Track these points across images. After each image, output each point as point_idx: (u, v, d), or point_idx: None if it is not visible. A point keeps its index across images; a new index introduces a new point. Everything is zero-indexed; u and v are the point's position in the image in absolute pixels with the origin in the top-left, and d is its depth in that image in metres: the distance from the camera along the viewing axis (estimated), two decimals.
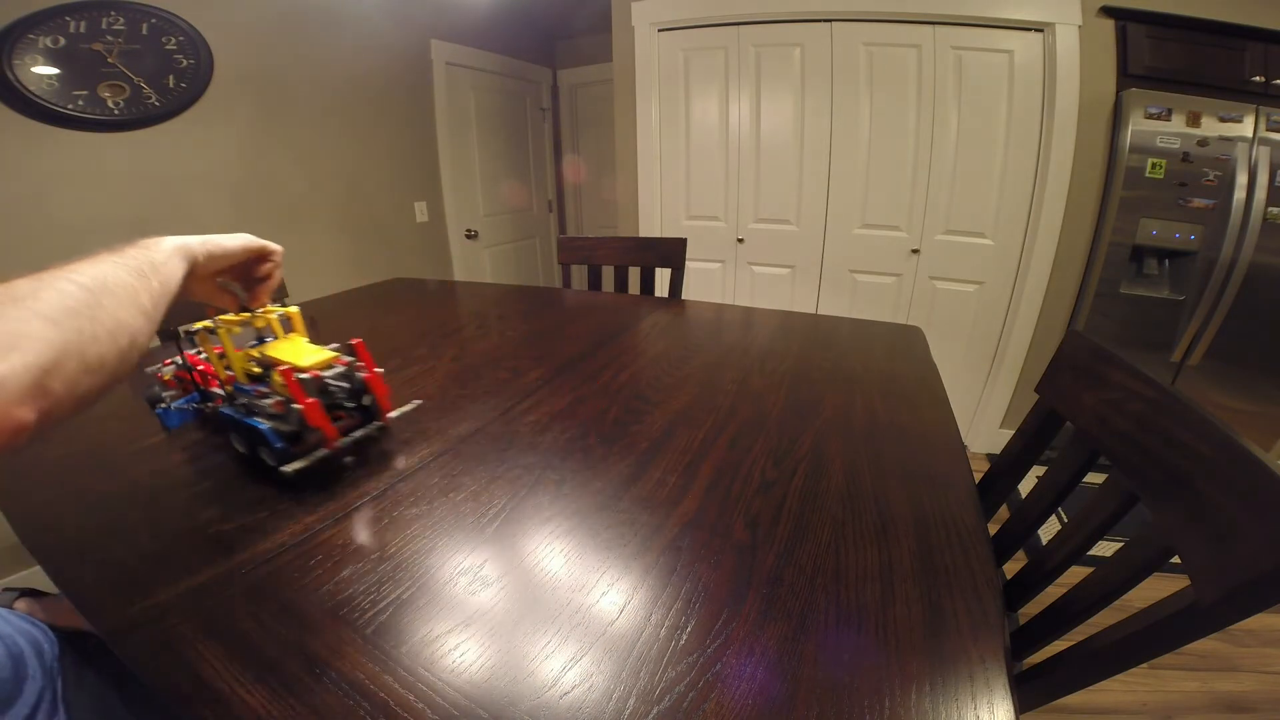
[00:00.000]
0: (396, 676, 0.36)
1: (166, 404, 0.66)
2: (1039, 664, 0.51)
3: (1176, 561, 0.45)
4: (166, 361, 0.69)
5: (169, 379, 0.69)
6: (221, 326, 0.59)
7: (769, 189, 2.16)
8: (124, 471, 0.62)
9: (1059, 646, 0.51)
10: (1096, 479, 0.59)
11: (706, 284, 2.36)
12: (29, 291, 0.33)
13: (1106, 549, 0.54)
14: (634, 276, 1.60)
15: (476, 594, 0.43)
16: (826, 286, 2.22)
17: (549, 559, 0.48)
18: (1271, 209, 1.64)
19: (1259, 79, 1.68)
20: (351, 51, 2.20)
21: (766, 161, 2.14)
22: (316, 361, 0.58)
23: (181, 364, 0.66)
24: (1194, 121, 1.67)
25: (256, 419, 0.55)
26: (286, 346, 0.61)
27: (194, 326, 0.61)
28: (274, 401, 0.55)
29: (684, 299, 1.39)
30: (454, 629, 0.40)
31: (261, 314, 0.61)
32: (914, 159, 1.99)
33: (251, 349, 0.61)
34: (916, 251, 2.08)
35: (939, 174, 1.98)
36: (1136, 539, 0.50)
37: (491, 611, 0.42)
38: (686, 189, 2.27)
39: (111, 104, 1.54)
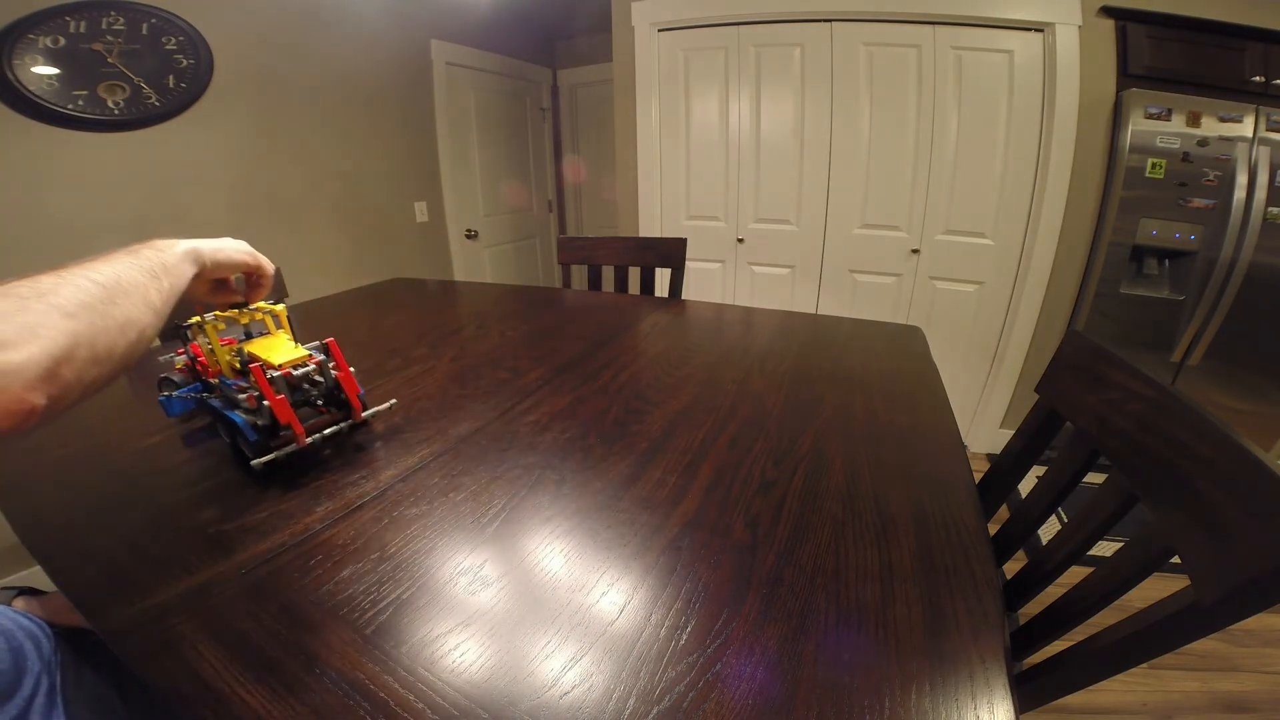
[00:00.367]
0: (396, 676, 0.36)
1: (169, 393, 0.68)
2: (1039, 664, 0.51)
3: (1176, 561, 0.45)
4: (179, 351, 0.71)
5: (180, 367, 0.71)
6: (209, 323, 0.62)
7: (769, 189, 2.16)
8: (124, 471, 0.62)
9: (1059, 646, 0.51)
10: (1096, 479, 0.59)
11: (706, 284, 2.36)
12: (50, 287, 0.36)
13: (1106, 549, 0.54)
14: (634, 276, 1.60)
15: (476, 594, 0.43)
16: (826, 286, 2.22)
17: (549, 559, 0.48)
18: (1271, 209, 1.64)
19: (1259, 79, 1.68)
20: (352, 52, 2.20)
21: (766, 161, 2.13)
22: (288, 359, 0.60)
23: (187, 355, 0.68)
24: (1194, 121, 1.67)
25: (235, 412, 0.57)
26: (267, 344, 0.63)
27: (189, 321, 0.63)
28: (248, 396, 0.58)
29: (684, 299, 1.39)
30: (454, 629, 0.40)
31: (248, 311, 0.64)
32: (914, 159, 1.99)
33: (239, 342, 0.63)
34: (916, 251, 2.08)
35: (939, 174, 1.98)
36: (1136, 539, 0.50)
37: (491, 611, 0.42)
38: (686, 189, 2.27)
39: (111, 104, 1.54)
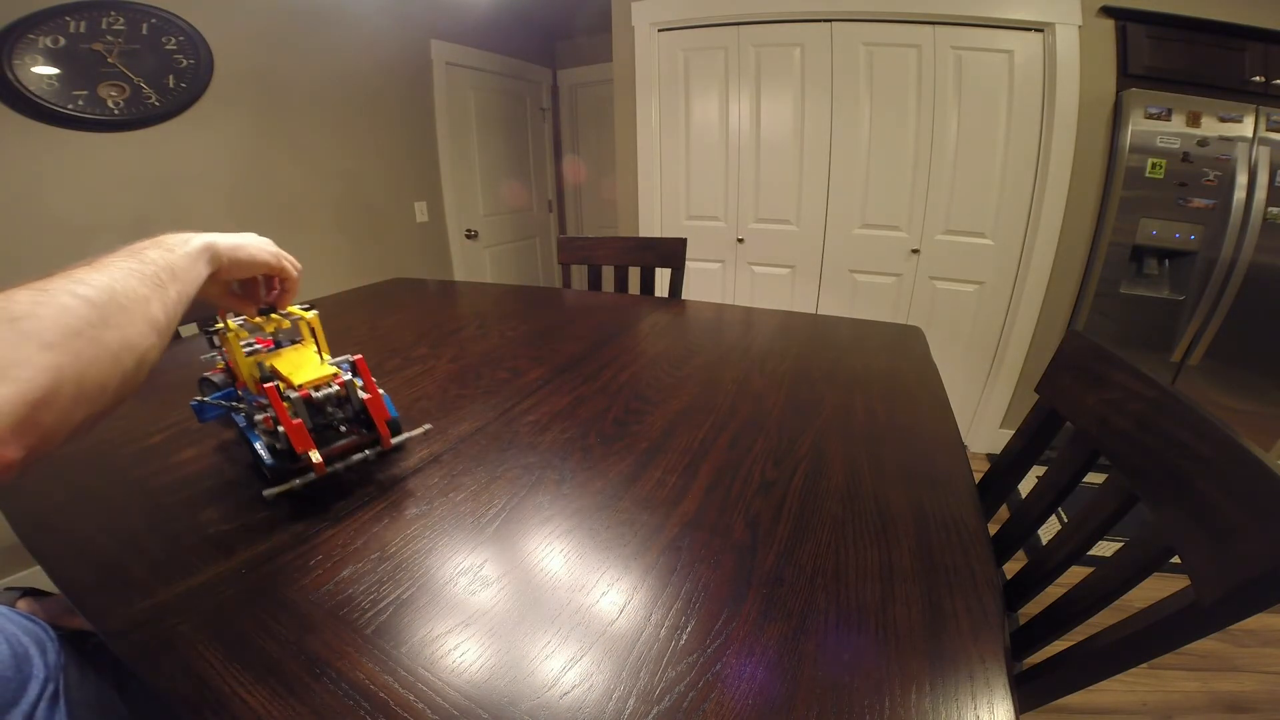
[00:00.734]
0: (396, 676, 0.36)
1: (203, 398, 0.62)
2: (1039, 664, 0.51)
3: (1176, 561, 0.45)
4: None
5: (221, 368, 0.66)
6: (233, 330, 0.57)
7: (769, 189, 2.16)
8: (124, 471, 0.62)
9: (1059, 646, 0.51)
10: (1096, 479, 0.59)
11: (706, 284, 2.36)
12: (27, 309, 0.29)
13: (1106, 549, 0.54)
14: (634, 276, 1.60)
15: (476, 594, 0.43)
16: (826, 286, 2.22)
17: (549, 559, 0.48)
18: (1271, 209, 1.64)
19: (1259, 79, 1.68)
20: (352, 51, 2.20)
21: (766, 161, 2.13)
22: (310, 379, 0.54)
23: (221, 357, 0.63)
24: (1194, 121, 1.67)
25: (255, 432, 0.53)
26: (292, 357, 0.58)
27: (214, 327, 0.59)
28: (265, 417, 0.52)
29: (684, 299, 1.39)
30: (454, 629, 0.40)
31: (275, 319, 0.58)
32: (914, 159, 1.99)
33: (265, 354, 0.58)
34: (916, 251, 2.08)
35: (939, 174, 1.98)
36: (1136, 539, 0.50)
37: (491, 611, 0.42)
38: (686, 189, 2.27)
39: (111, 104, 1.54)
